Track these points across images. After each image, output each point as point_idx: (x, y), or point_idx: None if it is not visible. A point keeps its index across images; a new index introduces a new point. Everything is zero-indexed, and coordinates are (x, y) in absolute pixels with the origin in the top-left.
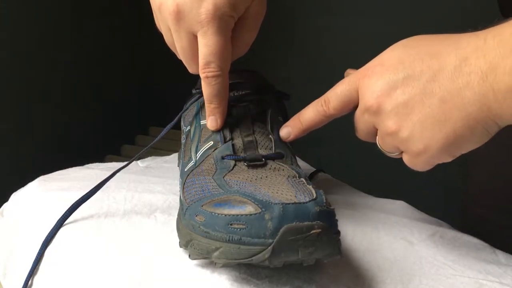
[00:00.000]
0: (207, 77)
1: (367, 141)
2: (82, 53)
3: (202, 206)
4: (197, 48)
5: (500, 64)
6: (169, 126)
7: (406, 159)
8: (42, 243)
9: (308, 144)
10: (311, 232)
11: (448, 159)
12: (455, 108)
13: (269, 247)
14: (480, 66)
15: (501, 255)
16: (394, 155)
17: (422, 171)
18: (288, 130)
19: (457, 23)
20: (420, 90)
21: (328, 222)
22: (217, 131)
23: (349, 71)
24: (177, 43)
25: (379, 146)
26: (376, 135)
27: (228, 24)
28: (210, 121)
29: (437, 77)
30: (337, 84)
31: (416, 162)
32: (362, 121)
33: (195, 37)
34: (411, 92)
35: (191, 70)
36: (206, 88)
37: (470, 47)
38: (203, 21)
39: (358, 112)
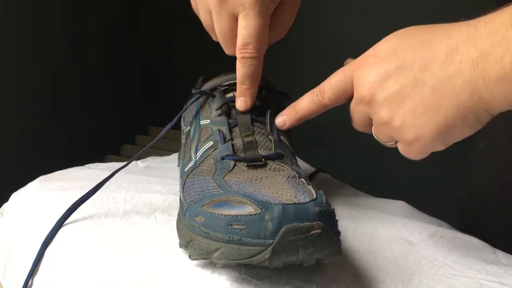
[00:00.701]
0: (243, 57)
1: (363, 131)
2: (82, 52)
3: (202, 206)
4: (236, 30)
5: (491, 53)
6: (168, 126)
7: (400, 148)
8: (42, 243)
9: (308, 144)
10: (311, 232)
11: (441, 147)
12: (445, 96)
13: (269, 248)
14: (471, 54)
15: (501, 255)
16: (389, 144)
17: (416, 159)
18: (283, 119)
19: None
20: (412, 80)
21: (328, 222)
22: (242, 113)
23: (348, 60)
24: (216, 25)
25: (375, 136)
26: (372, 125)
27: (269, 8)
28: (240, 102)
29: (428, 66)
30: (332, 75)
31: (410, 151)
32: (357, 112)
33: (235, 19)
34: (403, 81)
35: (228, 52)
36: (241, 69)
37: (461, 36)
38: (246, 3)
39: (353, 103)
